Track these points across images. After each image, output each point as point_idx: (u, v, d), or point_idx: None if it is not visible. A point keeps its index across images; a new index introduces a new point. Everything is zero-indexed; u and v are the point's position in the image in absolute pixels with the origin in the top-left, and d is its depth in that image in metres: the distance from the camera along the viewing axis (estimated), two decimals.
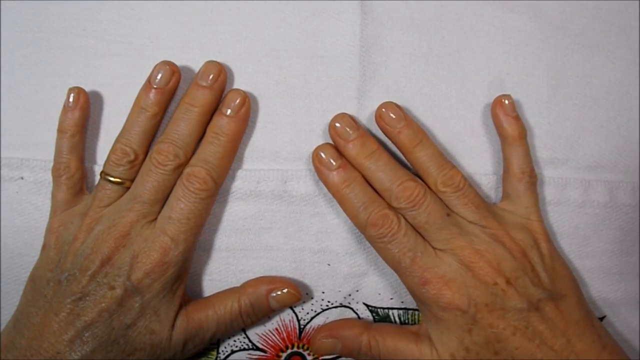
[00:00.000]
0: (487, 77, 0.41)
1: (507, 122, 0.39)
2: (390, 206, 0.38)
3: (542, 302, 0.36)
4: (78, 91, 0.38)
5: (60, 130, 0.38)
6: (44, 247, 0.38)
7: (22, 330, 0.36)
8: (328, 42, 0.40)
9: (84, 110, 0.38)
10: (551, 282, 0.37)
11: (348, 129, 0.38)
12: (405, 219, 0.37)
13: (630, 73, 0.42)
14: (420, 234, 0.38)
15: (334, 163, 0.38)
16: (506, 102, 0.39)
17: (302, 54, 0.40)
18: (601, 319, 0.42)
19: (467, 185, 0.38)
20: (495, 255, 0.37)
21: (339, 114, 0.39)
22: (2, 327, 0.38)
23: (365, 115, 0.40)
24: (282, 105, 0.40)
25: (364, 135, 0.38)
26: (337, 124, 0.38)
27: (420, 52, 0.40)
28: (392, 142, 0.39)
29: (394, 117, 0.38)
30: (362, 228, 0.38)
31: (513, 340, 0.36)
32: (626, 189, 0.41)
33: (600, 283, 0.42)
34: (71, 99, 0.38)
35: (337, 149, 0.39)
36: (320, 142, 0.39)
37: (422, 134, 0.39)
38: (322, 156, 0.38)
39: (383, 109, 0.39)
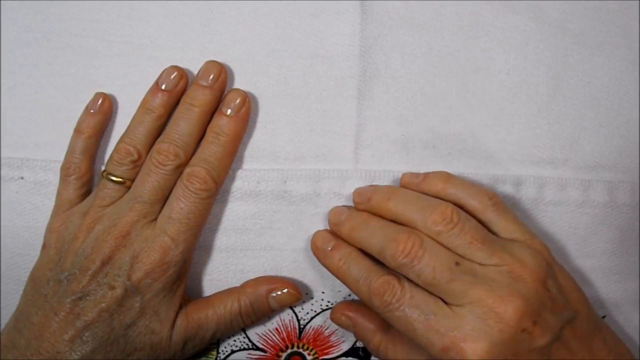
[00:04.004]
0: (487, 77, 0.40)
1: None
2: (391, 271, 0.35)
3: (562, 329, 0.35)
4: (104, 98, 0.38)
5: (77, 130, 0.38)
6: (44, 246, 0.38)
7: (22, 330, 0.36)
8: (328, 42, 0.40)
9: (106, 115, 0.38)
10: (565, 302, 0.35)
11: (339, 212, 0.38)
12: (409, 280, 0.34)
13: (630, 73, 0.41)
14: (431, 292, 0.34)
15: (328, 247, 0.38)
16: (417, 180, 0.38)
17: (302, 54, 0.40)
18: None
19: (463, 217, 0.34)
20: (520, 297, 0.33)
21: (331, 210, 0.39)
22: (2, 327, 0.38)
23: (366, 115, 0.40)
24: (282, 105, 0.40)
25: (353, 210, 0.38)
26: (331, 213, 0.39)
27: (420, 52, 0.40)
28: None
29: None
30: (368, 301, 0.35)
31: None
32: (626, 189, 0.41)
33: (600, 283, 0.42)
34: (97, 104, 0.38)
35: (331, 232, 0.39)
36: (320, 142, 0.39)
37: (388, 190, 0.37)
38: (317, 245, 0.38)
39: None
